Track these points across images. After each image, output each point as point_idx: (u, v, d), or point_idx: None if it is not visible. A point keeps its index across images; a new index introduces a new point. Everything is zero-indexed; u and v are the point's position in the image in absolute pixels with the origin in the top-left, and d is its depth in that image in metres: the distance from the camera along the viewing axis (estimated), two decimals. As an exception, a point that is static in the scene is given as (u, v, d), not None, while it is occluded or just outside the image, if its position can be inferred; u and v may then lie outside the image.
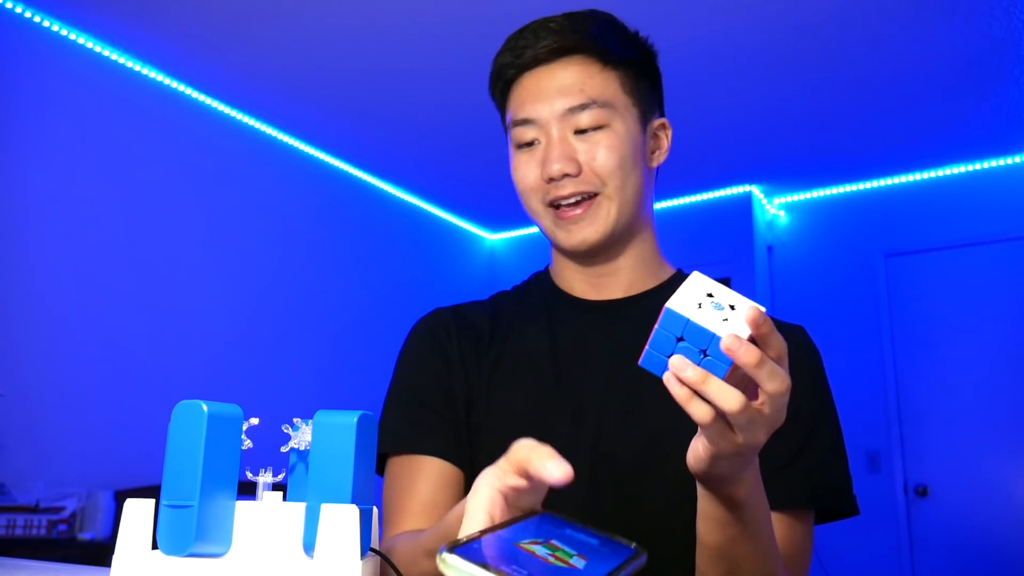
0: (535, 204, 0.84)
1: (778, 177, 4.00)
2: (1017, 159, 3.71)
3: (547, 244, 0.91)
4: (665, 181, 4.73)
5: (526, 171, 0.83)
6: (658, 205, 4.31)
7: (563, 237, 0.83)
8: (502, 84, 0.86)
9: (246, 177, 3.41)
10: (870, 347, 3.88)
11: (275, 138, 3.56)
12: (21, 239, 2.59)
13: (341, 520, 0.46)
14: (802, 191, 4.18)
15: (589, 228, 0.82)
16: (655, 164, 0.90)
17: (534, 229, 4.67)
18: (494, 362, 0.86)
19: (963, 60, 2.89)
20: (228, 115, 3.35)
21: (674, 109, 3.83)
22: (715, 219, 4.14)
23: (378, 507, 0.54)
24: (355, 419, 0.48)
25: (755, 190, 4.12)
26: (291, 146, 3.63)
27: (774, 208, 4.29)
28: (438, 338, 0.89)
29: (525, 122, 0.82)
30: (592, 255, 0.85)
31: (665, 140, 0.91)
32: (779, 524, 0.75)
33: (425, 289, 4.17)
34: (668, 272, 0.92)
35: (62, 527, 2.32)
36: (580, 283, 0.89)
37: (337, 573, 0.45)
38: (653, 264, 0.90)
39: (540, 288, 0.92)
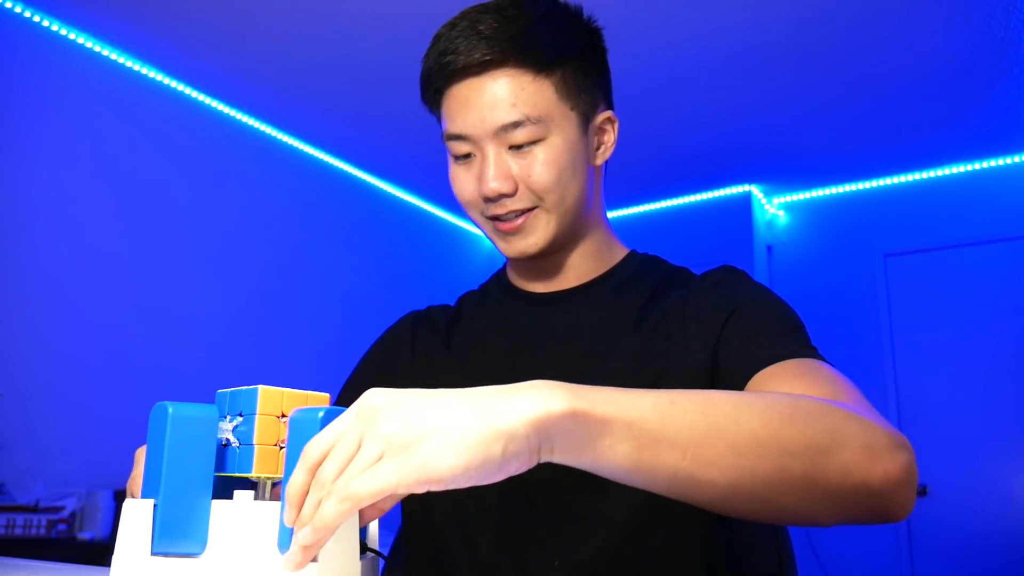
0: (475, 215, 0.84)
1: (777, 177, 4.00)
2: (1016, 159, 3.71)
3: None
4: (664, 181, 4.69)
5: (464, 184, 0.82)
6: (658, 205, 4.32)
7: (503, 247, 0.84)
8: (432, 91, 0.83)
9: (246, 177, 3.41)
10: (870, 347, 3.88)
11: (274, 137, 3.55)
12: (21, 239, 2.59)
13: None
14: (801, 191, 4.18)
15: (529, 239, 0.81)
16: (600, 161, 0.87)
17: (534, 229, 4.67)
18: (453, 357, 0.88)
19: (963, 60, 2.89)
20: (227, 115, 3.34)
21: (674, 109, 3.81)
22: (714, 219, 4.14)
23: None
24: (320, 415, 0.47)
25: (754, 190, 4.12)
26: (290, 145, 3.63)
27: (773, 208, 4.29)
28: (392, 341, 0.96)
29: (459, 137, 0.80)
30: (536, 259, 0.86)
31: (611, 134, 0.87)
32: (770, 380, 0.68)
33: (425, 289, 4.17)
34: (619, 255, 0.92)
35: (61, 527, 2.32)
36: (530, 279, 0.90)
37: (336, 573, 0.45)
38: (604, 253, 0.90)
39: (498, 285, 0.94)
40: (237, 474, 0.51)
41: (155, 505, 0.46)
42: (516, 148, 0.78)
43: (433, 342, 0.92)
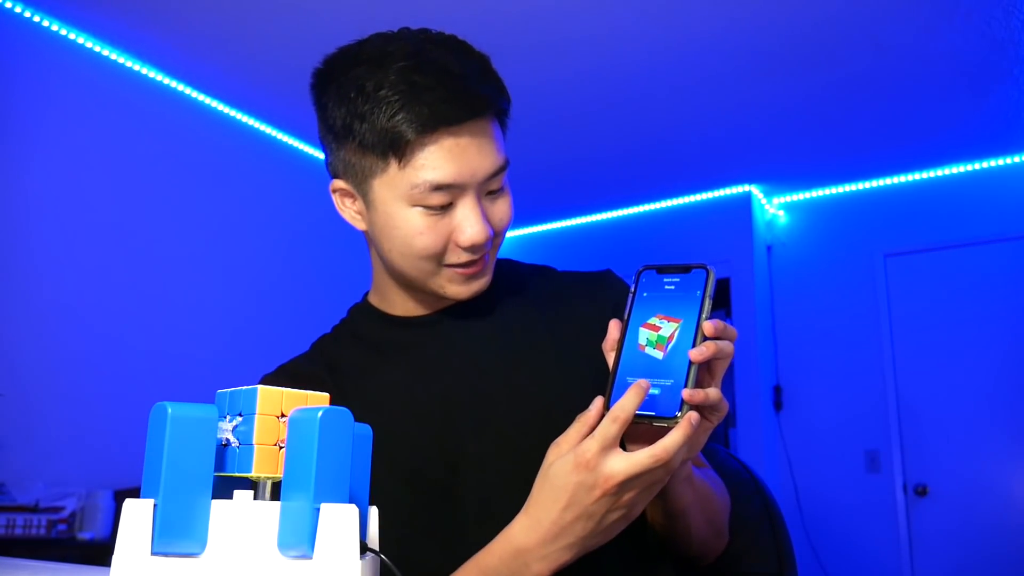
0: (428, 265, 0.78)
1: (778, 177, 4.00)
2: (1016, 159, 3.71)
3: (551, 243, 0.92)
4: (665, 181, 4.69)
5: (433, 237, 0.75)
6: (658, 205, 4.32)
7: (456, 291, 0.80)
8: (407, 132, 0.72)
9: (246, 177, 3.41)
10: (869, 347, 3.88)
11: (274, 137, 3.55)
12: (21, 239, 2.59)
13: (340, 520, 0.46)
14: (801, 191, 4.18)
15: (484, 279, 0.81)
16: None
17: (536, 228, 4.67)
18: (355, 405, 0.81)
19: (962, 60, 2.89)
20: (227, 114, 3.34)
21: (675, 109, 3.81)
22: (714, 219, 4.14)
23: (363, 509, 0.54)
24: (319, 415, 0.47)
25: (754, 190, 4.12)
26: (290, 145, 3.63)
27: (773, 208, 4.29)
28: None
29: (449, 187, 0.74)
30: None
31: None
32: None
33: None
34: None
35: (62, 527, 2.32)
36: (417, 305, 0.86)
37: (336, 572, 0.45)
38: None
39: (371, 321, 0.89)
40: (237, 474, 0.50)
41: (155, 505, 0.46)
42: (490, 193, 0.78)
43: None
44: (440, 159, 0.73)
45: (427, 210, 0.75)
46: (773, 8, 2.59)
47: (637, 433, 0.64)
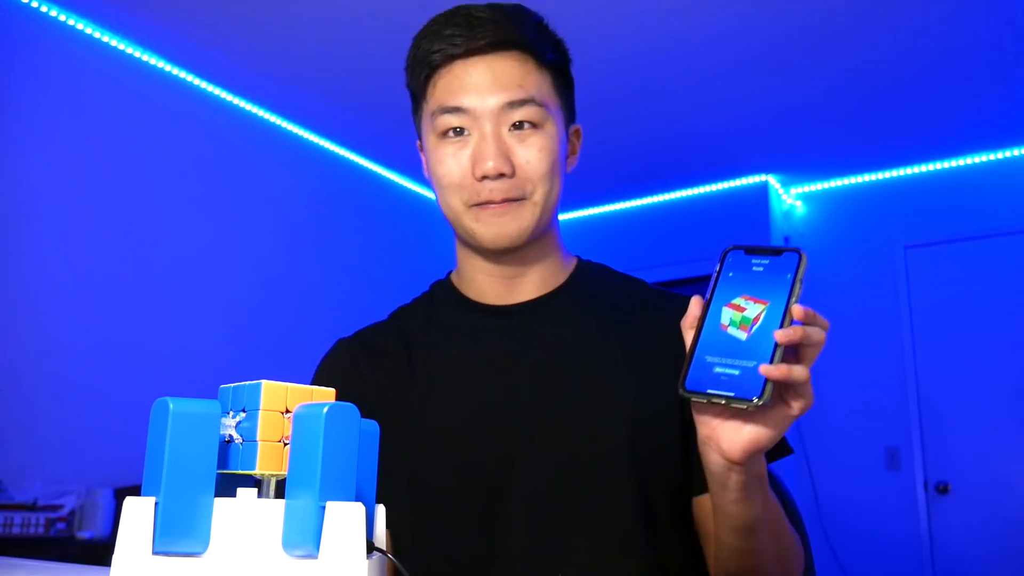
0: (456, 203, 0.82)
1: (795, 167, 3.98)
2: (1040, 148, 3.67)
3: (565, 234, 0.90)
4: (681, 170, 4.66)
5: (453, 165, 0.80)
6: (673, 195, 4.30)
7: (482, 231, 0.81)
8: (427, 71, 0.82)
9: (250, 166, 3.39)
10: (889, 341, 3.85)
11: (279, 126, 3.54)
12: (20, 233, 2.58)
13: (346, 518, 0.45)
14: (820, 181, 4.15)
15: (512, 224, 0.81)
16: (570, 168, 0.90)
17: (547, 223, 4.66)
18: (421, 385, 0.85)
19: (984, 46, 2.86)
20: (231, 103, 3.32)
21: (691, 99, 3.79)
22: (731, 209, 4.12)
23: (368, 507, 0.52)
24: (325, 410, 0.46)
25: (772, 180, 4.10)
26: (296, 134, 3.62)
27: (791, 198, 4.27)
28: (337, 375, 0.90)
29: (457, 110, 0.79)
30: (506, 253, 0.84)
31: (578, 145, 0.91)
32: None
33: (432, 281, 4.16)
34: (572, 264, 0.92)
35: (60, 525, 2.30)
36: (492, 288, 0.87)
37: (342, 572, 0.45)
38: (560, 262, 0.90)
39: (448, 300, 0.91)
40: (240, 471, 0.50)
41: (156, 503, 0.45)
42: (516, 128, 0.79)
43: (393, 371, 0.87)
44: (450, 84, 0.80)
45: (447, 139, 0.81)
46: (791, -5, 2.56)
47: (714, 413, 0.63)
